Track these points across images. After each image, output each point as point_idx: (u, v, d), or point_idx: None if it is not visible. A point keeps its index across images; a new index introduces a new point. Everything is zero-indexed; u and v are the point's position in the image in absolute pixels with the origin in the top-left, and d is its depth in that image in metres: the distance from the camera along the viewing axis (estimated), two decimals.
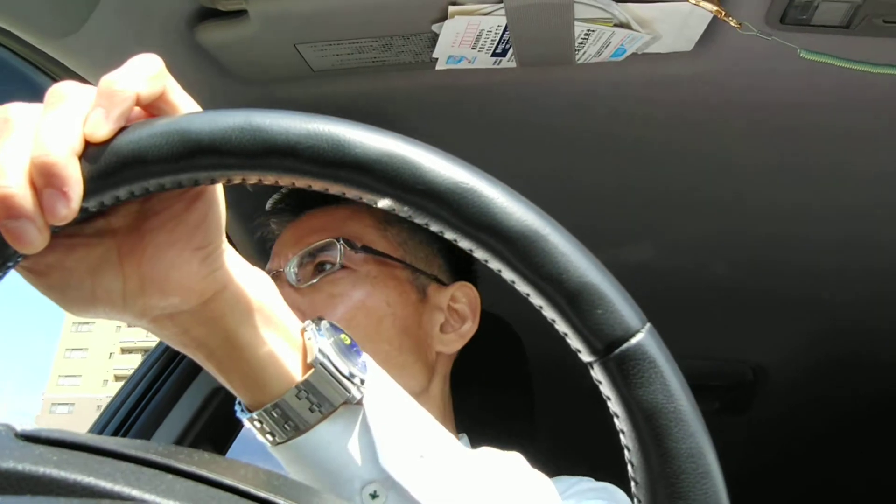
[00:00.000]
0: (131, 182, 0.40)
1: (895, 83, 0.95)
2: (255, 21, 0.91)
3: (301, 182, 0.39)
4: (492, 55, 0.96)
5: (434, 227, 0.39)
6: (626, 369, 0.37)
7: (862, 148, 1.15)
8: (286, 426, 0.52)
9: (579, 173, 1.25)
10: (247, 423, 0.53)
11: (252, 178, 0.40)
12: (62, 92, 0.43)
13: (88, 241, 0.48)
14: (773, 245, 1.41)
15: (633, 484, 0.37)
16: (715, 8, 0.85)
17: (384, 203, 0.39)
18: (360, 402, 0.52)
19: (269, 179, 0.40)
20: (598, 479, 0.89)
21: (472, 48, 0.95)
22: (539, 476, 0.68)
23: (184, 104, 0.46)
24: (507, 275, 0.38)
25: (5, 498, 0.29)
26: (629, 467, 0.37)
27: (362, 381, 0.53)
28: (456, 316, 0.97)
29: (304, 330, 0.54)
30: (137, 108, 0.43)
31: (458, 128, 1.13)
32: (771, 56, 0.93)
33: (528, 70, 0.99)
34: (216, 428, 1.34)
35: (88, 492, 0.30)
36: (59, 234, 0.41)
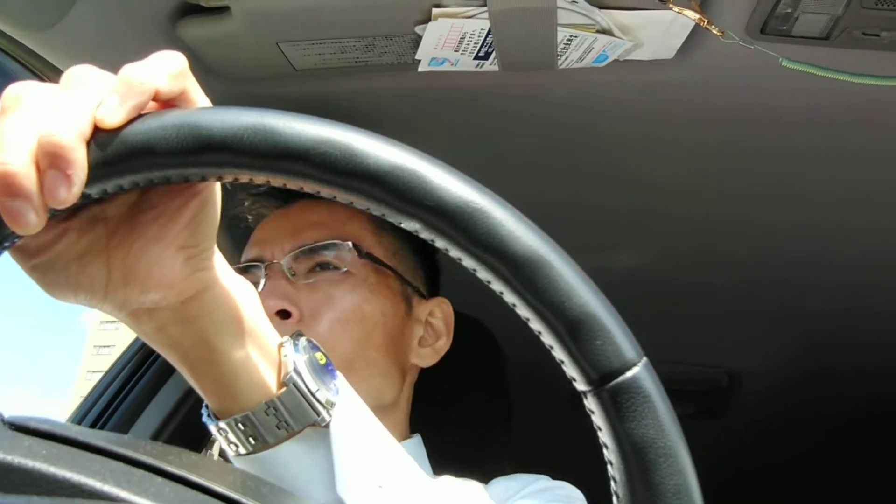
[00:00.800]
0: (137, 172, 0.40)
1: (873, 98, 0.96)
2: (237, 18, 0.90)
3: (310, 187, 0.39)
4: (474, 58, 0.97)
5: (439, 244, 0.38)
6: (619, 402, 0.36)
7: (840, 161, 1.16)
8: (250, 439, 0.51)
9: (560, 178, 1.25)
10: (212, 430, 0.53)
11: (260, 179, 0.39)
12: (79, 75, 0.43)
13: (80, 226, 0.47)
14: (754, 254, 1.42)
15: None
16: (697, 16, 0.86)
17: (393, 217, 0.38)
18: (327, 426, 0.52)
19: (277, 182, 0.39)
20: (572, 483, 0.89)
21: (455, 51, 0.95)
22: None
23: (203, 105, 0.45)
24: (509, 298, 0.38)
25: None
26: (614, 498, 0.37)
27: (332, 405, 0.52)
28: (431, 331, 0.97)
29: (281, 345, 0.54)
30: (153, 103, 0.43)
31: (439, 129, 1.13)
32: (751, 66, 0.94)
33: (510, 74, 1.00)
34: (195, 422, 1.33)
35: (77, 490, 0.29)
36: (53, 217, 0.41)
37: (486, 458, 1.13)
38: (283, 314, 0.85)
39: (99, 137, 0.40)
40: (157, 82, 0.42)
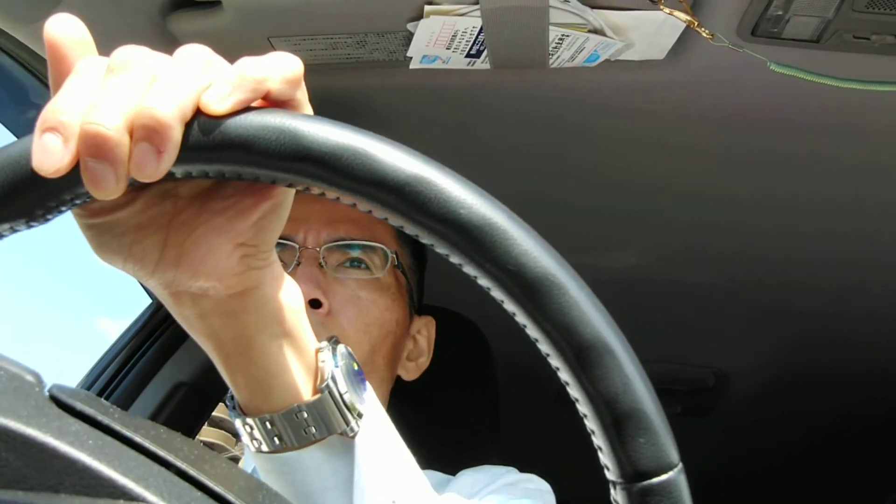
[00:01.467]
0: (227, 164, 0.39)
1: (863, 102, 0.97)
2: (228, 12, 0.90)
3: (395, 221, 0.39)
4: (466, 56, 0.97)
5: (508, 308, 0.38)
6: (648, 502, 0.37)
7: (828, 164, 1.17)
8: (275, 439, 0.51)
9: (550, 176, 1.25)
10: (237, 424, 0.52)
11: (347, 200, 0.39)
12: (194, 53, 0.42)
13: (149, 197, 0.46)
14: (742, 255, 1.43)
15: None
16: (688, 18, 0.86)
17: (410, 230, 0.38)
18: (353, 436, 0.52)
19: (363, 207, 0.39)
20: (560, 481, 0.89)
21: (447, 48, 0.95)
22: None
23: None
24: (564, 376, 0.38)
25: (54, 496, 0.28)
26: None
27: (361, 415, 0.52)
28: (416, 347, 0.98)
29: (319, 350, 0.53)
30: (259, 101, 0.42)
31: (430, 127, 1.13)
32: (741, 67, 0.94)
33: (501, 72, 1.00)
34: (178, 425, 1.33)
35: (119, 492, 0.29)
36: (129, 186, 0.39)
37: (474, 455, 1.13)
38: (315, 303, 0.85)
39: (199, 121, 0.39)
40: (270, 83, 0.42)
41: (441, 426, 1.14)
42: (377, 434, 0.54)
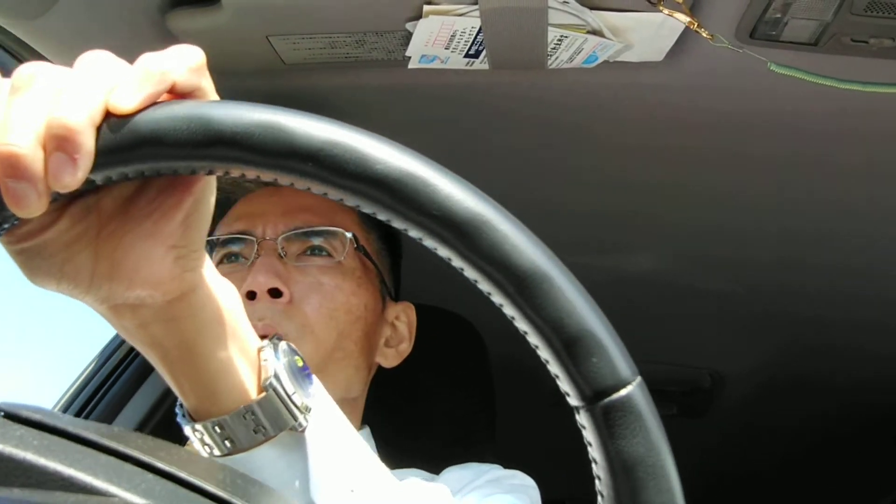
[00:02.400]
0: (144, 161, 0.39)
1: (862, 105, 0.97)
2: (227, 10, 0.90)
3: (317, 189, 0.39)
4: (465, 56, 0.97)
5: (442, 253, 0.38)
6: (612, 419, 0.37)
7: (826, 168, 1.17)
8: (226, 442, 0.51)
9: (547, 176, 1.26)
10: (187, 431, 0.52)
11: (267, 177, 0.39)
12: (95, 58, 0.42)
13: (73, 214, 0.46)
14: (736, 254, 1.43)
15: None
16: (687, 19, 0.86)
17: (398, 223, 0.38)
18: (303, 431, 0.52)
19: (284, 181, 0.39)
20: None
21: (446, 48, 0.95)
22: None
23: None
24: (509, 311, 0.38)
25: None
26: None
27: (309, 409, 0.52)
28: (395, 333, 0.98)
29: (261, 349, 0.53)
30: (166, 95, 0.42)
31: (429, 126, 1.13)
32: (740, 70, 0.94)
33: (500, 73, 1.00)
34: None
35: (68, 483, 0.29)
36: (52, 202, 0.40)
37: (469, 454, 1.13)
38: (275, 293, 0.85)
39: (109, 123, 0.39)
40: (174, 74, 0.42)
41: (436, 425, 1.15)
42: (328, 426, 0.54)
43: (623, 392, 0.37)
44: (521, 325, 0.38)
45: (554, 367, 0.38)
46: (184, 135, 0.39)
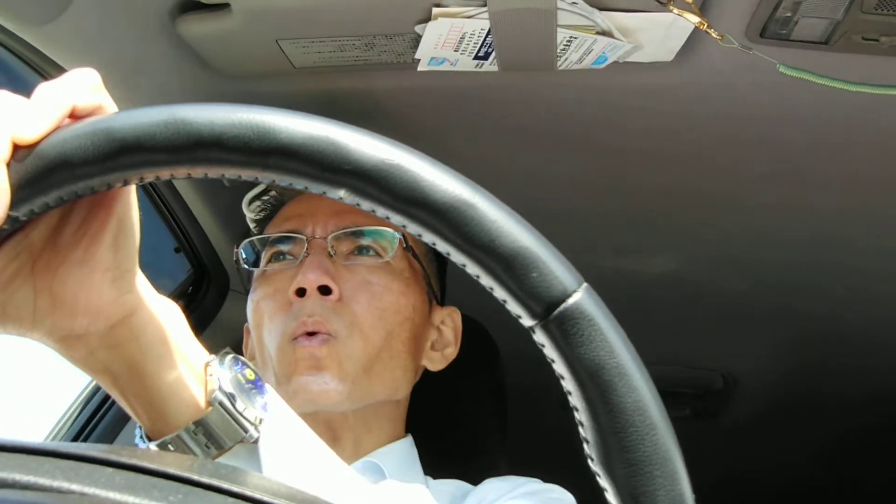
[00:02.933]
0: (60, 186, 0.40)
1: (870, 99, 0.97)
2: (237, 15, 0.90)
3: (230, 172, 0.39)
4: (474, 58, 0.97)
5: (365, 207, 0.39)
6: (566, 329, 0.37)
7: (840, 166, 1.16)
8: None
9: (557, 178, 1.25)
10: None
11: (180, 174, 0.40)
12: None
13: (4, 255, 0.47)
14: (747, 254, 1.43)
15: (584, 445, 0.38)
16: (697, 19, 0.86)
17: (314, 188, 0.39)
18: (255, 443, 0.52)
19: (197, 173, 0.40)
20: (567, 483, 0.89)
21: (455, 51, 0.95)
22: None
23: None
24: (442, 247, 0.38)
25: None
26: (580, 428, 0.38)
27: (261, 421, 0.52)
28: (441, 337, 0.98)
29: (207, 364, 0.54)
30: (69, 120, 0.43)
31: (439, 129, 1.13)
32: (750, 70, 0.94)
33: (509, 74, 1.00)
34: None
35: (28, 489, 0.30)
36: None
37: (480, 458, 1.13)
38: (325, 290, 0.85)
39: (18, 157, 0.40)
40: (73, 97, 0.43)
41: (448, 429, 1.14)
42: (282, 437, 0.54)
43: (570, 301, 0.37)
44: (458, 258, 0.38)
45: (499, 292, 0.38)
46: (90, 151, 0.39)
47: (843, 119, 1.05)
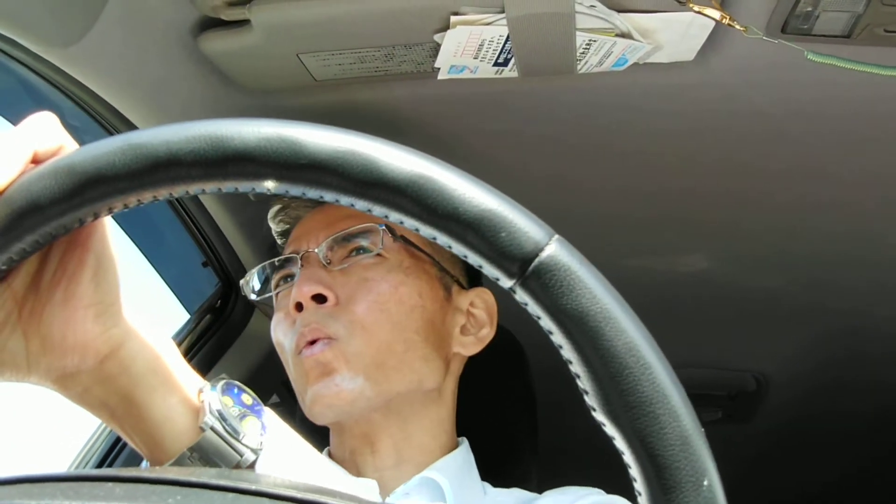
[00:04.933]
0: (33, 230, 0.41)
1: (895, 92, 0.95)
2: (257, 31, 0.91)
3: (193, 188, 0.40)
4: (494, 65, 0.97)
5: (328, 198, 0.39)
6: (544, 283, 0.37)
7: (868, 161, 1.15)
8: None
9: (581, 182, 1.25)
10: None
11: (146, 198, 0.40)
12: None
13: None
14: (777, 253, 1.41)
15: (585, 396, 0.38)
16: (718, 14, 0.85)
17: (271, 185, 0.39)
18: (251, 466, 0.52)
19: (161, 195, 0.40)
20: (602, 486, 0.88)
21: (474, 58, 0.95)
22: None
23: None
24: (409, 223, 0.38)
25: None
26: (577, 381, 0.37)
27: (259, 444, 0.53)
28: (474, 320, 0.96)
29: (201, 390, 0.54)
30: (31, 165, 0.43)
31: (460, 137, 1.13)
32: (773, 64, 0.93)
33: (530, 80, 1.00)
34: None
35: None
36: None
37: (512, 465, 1.12)
38: (319, 298, 0.85)
39: None
40: (33, 144, 0.43)
41: (479, 437, 1.14)
42: (279, 460, 0.54)
43: (544, 254, 0.37)
44: (427, 231, 0.38)
45: (473, 258, 0.38)
46: (56, 190, 0.40)
47: (869, 112, 1.04)
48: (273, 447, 0.54)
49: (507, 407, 1.21)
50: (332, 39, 0.94)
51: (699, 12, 0.85)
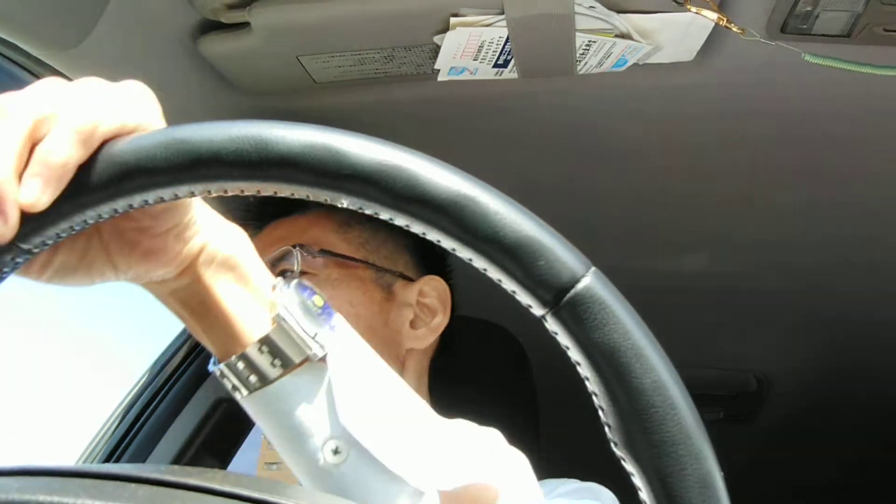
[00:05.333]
0: (70, 216, 0.41)
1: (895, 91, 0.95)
2: (257, 33, 0.91)
3: (232, 188, 0.40)
4: (493, 66, 0.97)
5: (368, 210, 0.39)
6: (577, 315, 0.37)
7: (869, 162, 1.15)
8: (249, 378, 0.53)
9: (581, 183, 1.25)
10: (216, 375, 0.55)
11: (182, 192, 0.40)
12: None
13: (69, 242, 0.49)
14: (777, 254, 1.41)
15: (606, 429, 0.37)
16: (716, 16, 0.85)
17: (315, 194, 0.39)
18: (322, 360, 0.54)
19: (199, 191, 0.40)
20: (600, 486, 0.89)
21: (474, 59, 0.95)
22: (514, 452, 0.68)
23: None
24: (447, 243, 0.38)
25: None
26: (600, 413, 0.37)
27: (326, 340, 0.54)
28: (426, 310, 0.97)
29: (274, 286, 0.56)
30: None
31: (460, 138, 1.13)
32: (772, 66, 0.93)
33: (529, 81, 1.00)
34: (219, 441, 1.34)
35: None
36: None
37: None
38: None
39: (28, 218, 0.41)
40: (74, 155, 0.42)
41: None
42: (349, 355, 0.56)
43: (580, 286, 0.37)
44: (464, 253, 0.38)
45: (508, 284, 0.38)
46: (97, 179, 0.41)
47: (870, 112, 1.04)
48: (341, 346, 0.55)
49: (509, 407, 1.21)
50: (331, 41, 0.94)
51: (697, 13, 0.85)
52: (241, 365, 0.53)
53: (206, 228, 0.53)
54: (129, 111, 0.45)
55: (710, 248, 1.42)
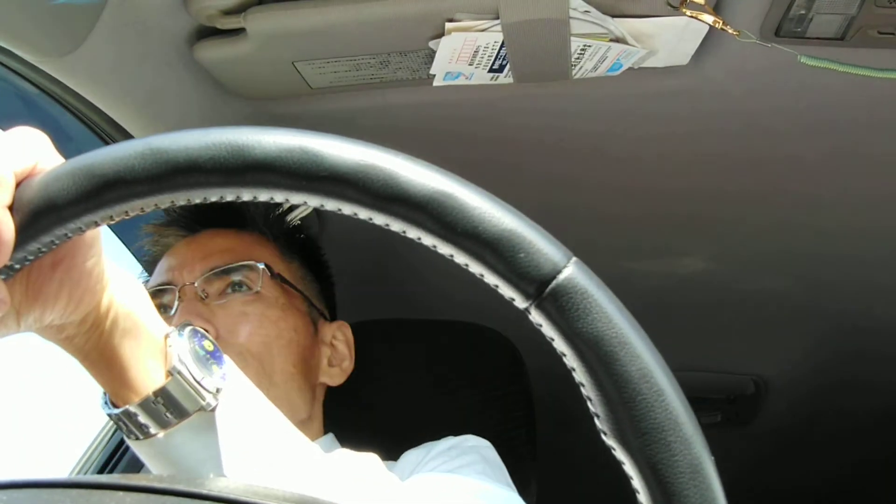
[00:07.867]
0: (48, 230, 0.41)
1: (889, 93, 0.96)
2: (253, 39, 0.91)
3: (212, 194, 0.40)
4: (489, 71, 0.97)
5: (347, 211, 0.39)
6: (560, 305, 0.37)
7: (863, 162, 1.15)
8: (144, 427, 0.54)
9: (577, 187, 1.25)
10: (110, 419, 0.56)
11: (164, 203, 0.40)
12: None
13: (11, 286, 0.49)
14: (774, 256, 1.41)
15: (595, 420, 0.37)
16: (712, 19, 0.85)
17: (295, 197, 0.39)
18: (212, 411, 0.55)
19: (180, 200, 0.40)
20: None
21: (470, 64, 0.95)
22: (391, 478, 0.69)
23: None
24: (427, 241, 0.38)
25: None
26: (588, 404, 0.37)
27: (219, 390, 0.55)
28: (336, 353, 1.01)
29: (167, 336, 0.56)
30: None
31: (456, 143, 1.13)
32: (767, 68, 0.94)
33: (525, 86, 1.00)
34: None
35: None
36: None
37: (511, 471, 1.12)
38: None
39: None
40: (11, 175, 0.42)
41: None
42: (240, 405, 0.57)
43: (561, 276, 0.37)
44: (444, 249, 0.38)
45: (490, 278, 0.38)
46: (73, 191, 0.41)
47: (865, 110, 1.04)
48: (233, 394, 0.56)
49: (505, 414, 1.21)
50: (327, 47, 0.94)
51: (692, 17, 0.86)
52: (137, 414, 0.54)
53: (113, 282, 0.54)
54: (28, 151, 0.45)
55: (706, 250, 1.42)
